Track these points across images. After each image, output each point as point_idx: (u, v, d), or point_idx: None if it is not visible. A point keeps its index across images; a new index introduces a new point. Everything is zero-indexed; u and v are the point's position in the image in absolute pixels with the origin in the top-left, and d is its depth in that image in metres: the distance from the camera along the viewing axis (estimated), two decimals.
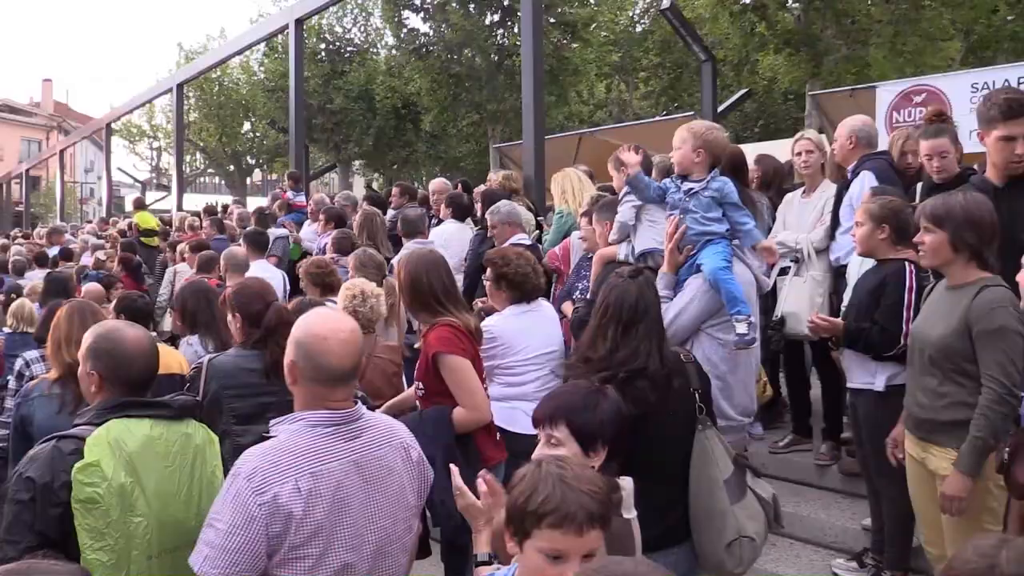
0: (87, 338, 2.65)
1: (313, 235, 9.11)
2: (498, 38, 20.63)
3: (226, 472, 2.35)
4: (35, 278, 10.14)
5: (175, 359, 4.84)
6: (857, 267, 4.24)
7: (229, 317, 3.82)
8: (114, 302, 6.04)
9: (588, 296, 4.49)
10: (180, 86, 17.64)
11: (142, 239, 11.89)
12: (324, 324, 2.24)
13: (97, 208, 40.48)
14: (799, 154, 5.10)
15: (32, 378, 4.85)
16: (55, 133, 52.61)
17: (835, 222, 4.73)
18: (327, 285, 5.16)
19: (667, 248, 3.84)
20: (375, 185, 26.45)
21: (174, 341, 6.06)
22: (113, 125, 25.08)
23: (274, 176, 40.89)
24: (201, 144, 30.98)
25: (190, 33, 52.54)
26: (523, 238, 5.70)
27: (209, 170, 34.57)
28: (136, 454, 2.44)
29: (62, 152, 27.29)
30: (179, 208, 16.53)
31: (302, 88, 13.63)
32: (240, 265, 6.45)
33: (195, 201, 17.93)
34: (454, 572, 3.65)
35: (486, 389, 3.75)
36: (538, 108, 8.84)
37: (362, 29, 27.06)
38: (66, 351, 3.75)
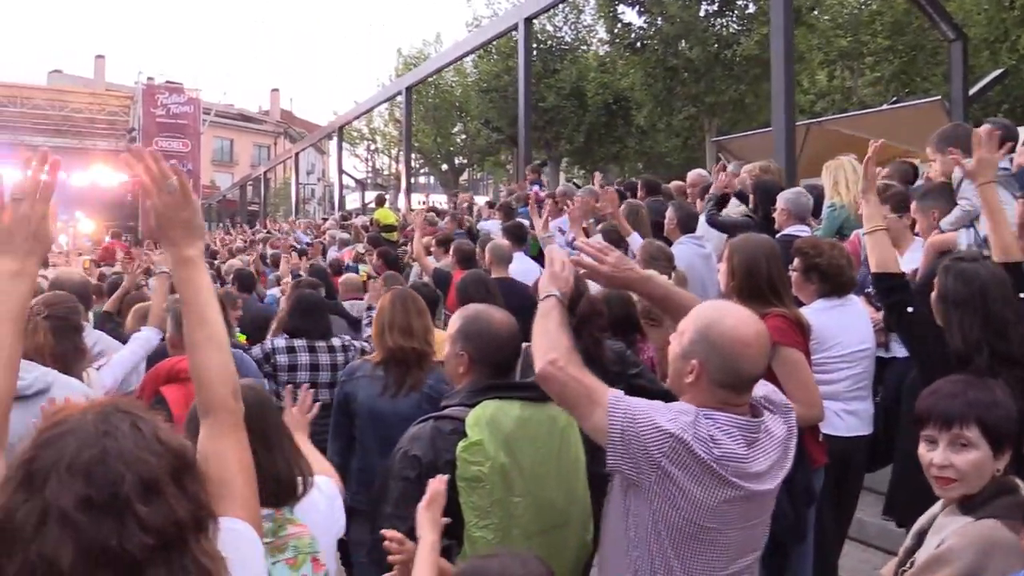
0: (456, 321, 2.73)
1: (553, 227, 9.21)
2: (716, 28, 20.09)
3: None
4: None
5: None
6: None
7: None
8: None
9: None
10: (409, 89, 18.48)
11: (382, 234, 12.54)
12: (747, 328, 2.12)
13: (317, 208, 43.39)
14: None
15: (277, 366, 4.97)
16: (281, 139, 56.94)
17: None
18: None
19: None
20: (577, 182, 26.61)
21: None
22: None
23: (479, 175, 42.14)
24: (417, 144, 32.45)
25: (407, 39, 54.83)
26: (803, 229, 5.44)
27: (423, 169, 36.07)
28: (511, 435, 2.49)
29: (297, 156, 29.45)
30: (408, 206, 17.35)
31: (530, 86, 13.87)
32: (505, 257, 6.57)
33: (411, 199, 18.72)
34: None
35: None
36: (788, 95, 8.45)
37: (573, 27, 27.28)
38: (389, 336, 3.93)
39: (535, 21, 25.63)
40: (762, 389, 2.26)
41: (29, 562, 1.04)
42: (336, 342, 4.91)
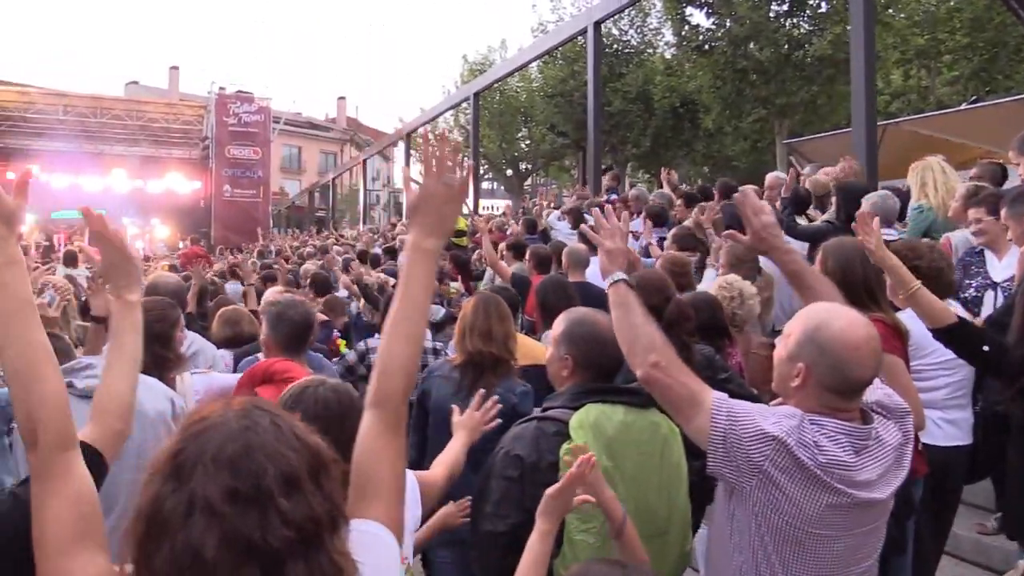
0: (560, 324, 2.74)
1: None
2: (787, 28, 19.76)
3: None
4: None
5: (540, 350, 4.99)
6: None
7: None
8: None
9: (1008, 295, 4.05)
10: (476, 95, 18.61)
11: (453, 239, 12.64)
12: (857, 332, 2.06)
13: (382, 213, 43.93)
14: None
15: (371, 365, 5.14)
16: (348, 146, 57.85)
17: None
18: (680, 286, 5.07)
19: None
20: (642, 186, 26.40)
21: None
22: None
23: (543, 180, 42.10)
24: (481, 150, 32.63)
25: (472, 46, 55.48)
26: (890, 233, 5.31)
27: (487, 175, 36.22)
28: (614, 439, 2.48)
29: (364, 162, 29.90)
30: (476, 211, 17.45)
31: (600, 90, 13.84)
32: (582, 261, 6.55)
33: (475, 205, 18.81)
34: None
35: None
36: (869, 94, 8.25)
37: (639, 30, 27.13)
38: (469, 340, 3.97)
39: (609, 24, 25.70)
40: (875, 393, 2.20)
41: (175, 551, 1.06)
42: (428, 344, 4.98)
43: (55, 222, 29.23)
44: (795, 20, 19.93)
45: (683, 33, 21.17)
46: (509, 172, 33.91)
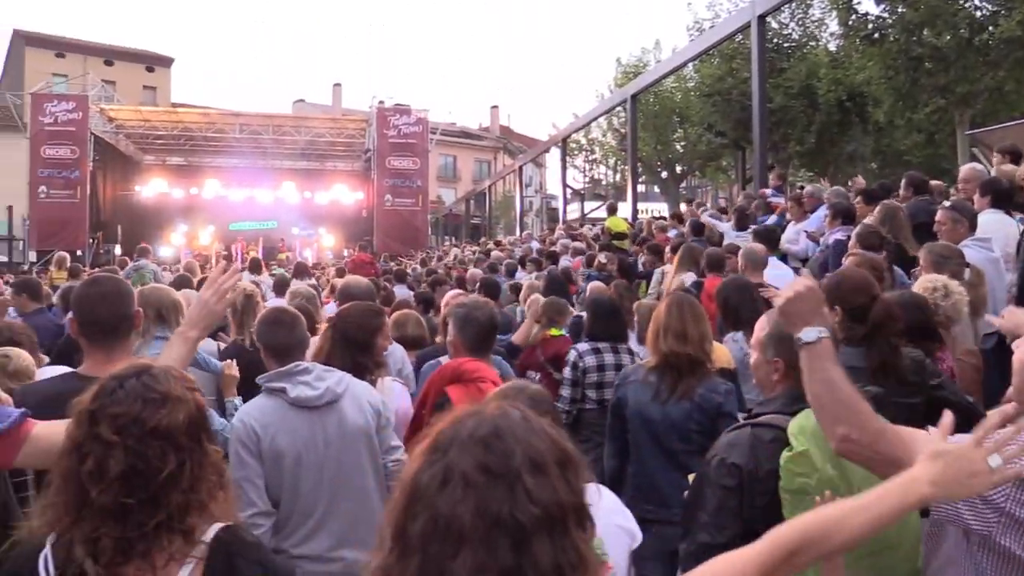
0: (765, 325, 2.60)
1: (795, 235, 8.77)
2: (969, 10, 18.39)
3: None
4: (523, 278, 11.16)
5: (723, 354, 4.83)
6: None
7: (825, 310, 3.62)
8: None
9: None
10: (634, 97, 18.40)
11: (613, 242, 12.54)
12: None
13: (535, 219, 44.31)
14: None
15: (585, 369, 5.18)
16: (501, 154, 58.79)
17: None
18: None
19: None
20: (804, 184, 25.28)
21: None
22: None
23: (699, 182, 41.24)
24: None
25: (625, 48, 55.16)
26: None
27: (642, 177, 35.87)
28: None
29: (520, 169, 30.24)
30: (634, 216, 17.29)
31: (765, 86, 13.36)
32: (759, 262, 6.32)
33: (628, 209, 18.50)
34: None
35: None
36: None
37: (800, 23, 26.06)
38: (663, 341, 3.88)
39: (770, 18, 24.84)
40: None
41: (432, 520, 1.15)
42: (623, 346, 5.08)
43: (233, 233, 31.27)
44: (977, 1, 18.53)
45: (850, 23, 20.09)
46: (664, 174, 33.40)
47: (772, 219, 9.60)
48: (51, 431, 2.11)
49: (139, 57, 52.16)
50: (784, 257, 8.21)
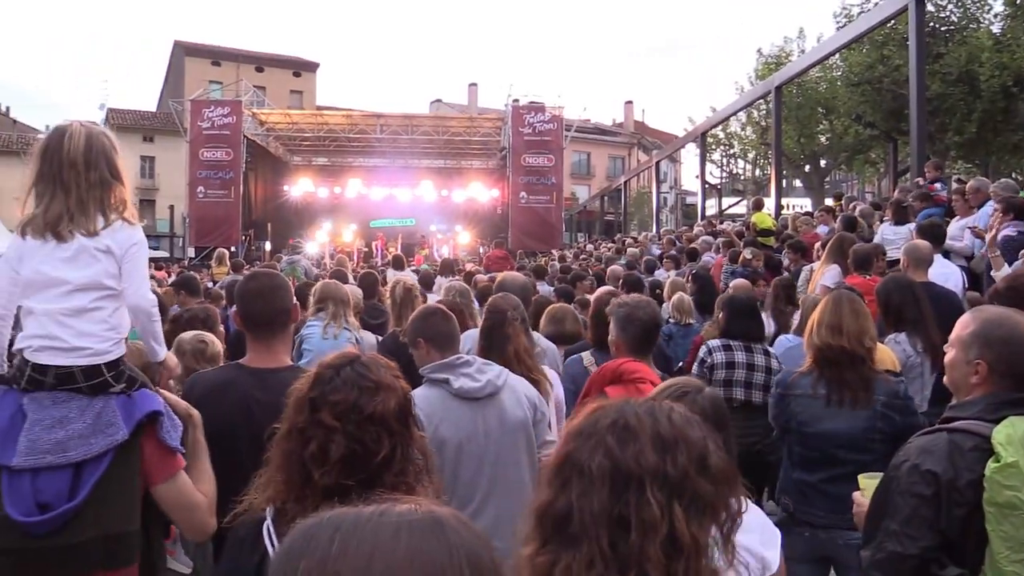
0: (970, 323, 2.38)
1: (959, 232, 8.22)
2: None
3: None
4: (662, 276, 10.97)
5: (887, 355, 4.55)
6: None
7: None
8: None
9: None
10: (778, 89, 17.76)
11: (759, 238, 12.14)
12: None
13: (670, 216, 43.58)
14: None
15: (713, 365, 4.98)
16: (635, 149, 58.21)
17: None
18: None
19: None
20: (963, 177, 23.63)
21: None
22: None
23: (844, 175, 39.50)
24: None
25: (766, 38, 53.59)
26: None
27: (783, 172, 34.70)
28: None
29: (657, 164, 29.82)
30: (778, 212, 16.68)
31: (923, 73, 12.61)
32: (924, 259, 5.93)
33: (771, 205, 17.80)
34: None
35: None
36: None
37: (958, 4, 24.46)
38: (817, 334, 3.66)
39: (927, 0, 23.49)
40: None
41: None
42: (758, 345, 4.95)
43: (373, 230, 32.30)
44: None
45: (1018, 2, 18.70)
46: (807, 168, 32.13)
47: (932, 212, 9.05)
48: (186, 484, 2.25)
49: (287, 63, 54.71)
50: (946, 254, 7.71)
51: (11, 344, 2.31)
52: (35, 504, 2.10)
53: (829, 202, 15.84)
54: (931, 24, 22.99)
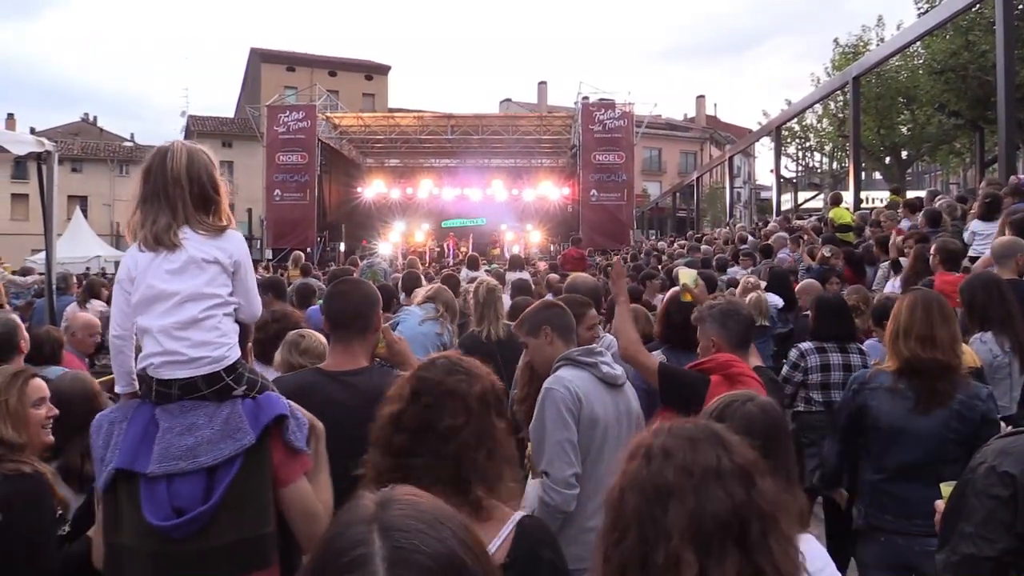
0: None
1: None
2: None
3: None
4: (737, 274, 10.77)
5: (967, 352, 4.41)
6: None
7: None
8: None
9: None
10: (856, 79, 17.27)
11: (837, 234, 11.83)
12: None
13: (743, 211, 42.83)
14: None
15: (808, 369, 4.99)
16: (707, 144, 57.39)
17: None
18: None
19: None
20: None
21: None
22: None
23: (927, 167, 38.19)
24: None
25: (843, 27, 52.21)
26: None
27: (862, 165, 33.74)
28: None
29: (731, 159, 29.34)
30: (856, 207, 16.22)
31: (1013, 58, 12.09)
32: (1010, 256, 5.69)
33: (850, 198, 17.29)
34: None
35: None
36: None
37: None
38: (903, 343, 3.57)
39: None
40: None
41: (689, 512, 1.38)
42: (852, 345, 4.97)
43: (445, 230, 32.59)
44: None
45: None
46: (887, 160, 31.17)
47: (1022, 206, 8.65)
48: (310, 490, 2.31)
49: (359, 67, 55.60)
50: None
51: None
52: (172, 509, 2.15)
53: (910, 195, 15.32)
54: (1020, 7, 22.02)
